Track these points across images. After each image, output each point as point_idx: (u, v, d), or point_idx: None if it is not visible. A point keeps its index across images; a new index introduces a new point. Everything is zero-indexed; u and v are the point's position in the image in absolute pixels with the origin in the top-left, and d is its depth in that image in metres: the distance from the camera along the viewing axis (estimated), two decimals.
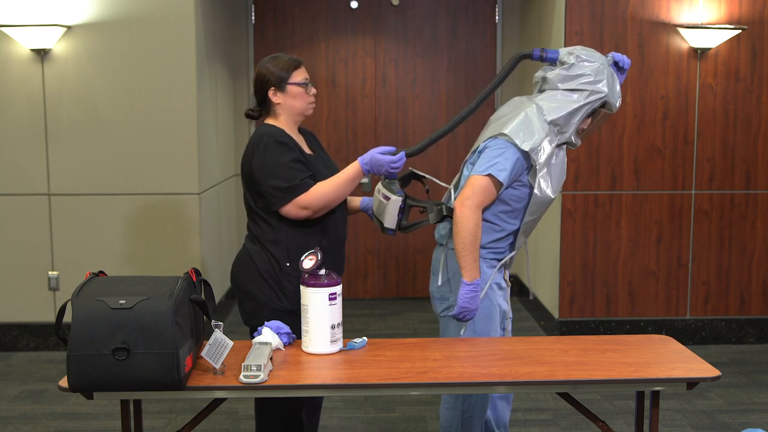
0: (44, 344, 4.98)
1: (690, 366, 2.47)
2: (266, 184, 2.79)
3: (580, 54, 2.96)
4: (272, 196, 2.79)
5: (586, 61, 2.95)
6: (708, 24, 4.85)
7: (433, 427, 3.91)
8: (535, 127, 2.88)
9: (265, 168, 2.79)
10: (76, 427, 3.92)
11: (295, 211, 2.80)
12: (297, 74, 2.87)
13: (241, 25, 6.06)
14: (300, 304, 2.62)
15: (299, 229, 2.85)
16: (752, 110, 4.98)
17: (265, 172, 2.79)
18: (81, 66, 4.77)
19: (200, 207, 4.91)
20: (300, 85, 2.87)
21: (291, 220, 2.83)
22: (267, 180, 2.79)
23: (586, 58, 2.96)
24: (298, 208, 2.79)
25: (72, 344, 2.21)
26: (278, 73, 2.85)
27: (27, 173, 4.84)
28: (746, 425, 3.89)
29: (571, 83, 2.93)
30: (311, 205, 2.80)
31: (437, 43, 6.12)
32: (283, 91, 2.86)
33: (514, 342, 2.76)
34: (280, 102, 2.87)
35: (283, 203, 2.79)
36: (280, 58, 2.90)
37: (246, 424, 3.94)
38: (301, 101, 2.89)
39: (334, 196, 2.83)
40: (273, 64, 2.87)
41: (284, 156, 2.79)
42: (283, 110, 2.89)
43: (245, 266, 2.93)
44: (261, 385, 2.30)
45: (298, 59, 2.92)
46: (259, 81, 2.88)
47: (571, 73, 2.94)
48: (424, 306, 6.09)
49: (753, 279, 5.10)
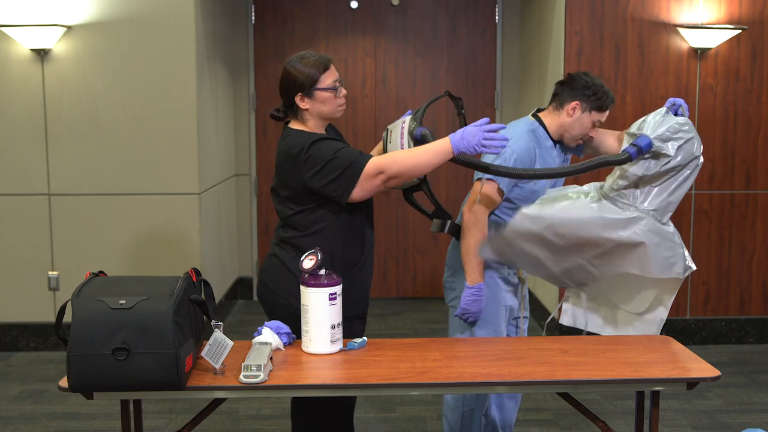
0: (44, 344, 4.98)
1: (690, 366, 2.47)
2: (329, 177, 2.61)
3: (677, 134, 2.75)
4: (341, 180, 2.61)
5: (683, 147, 2.75)
6: (708, 24, 4.85)
7: (433, 427, 3.91)
8: None
9: (319, 166, 2.61)
10: (76, 427, 3.92)
11: (369, 179, 2.60)
12: (326, 77, 2.69)
13: (241, 25, 6.06)
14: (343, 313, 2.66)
15: (341, 234, 2.73)
16: (752, 110, 4.98)
17: (324, 170, 2.61)
18: (81, 66, 4.77)
19: (200, 207, 4.91)
20: (328, 90, 2.69)
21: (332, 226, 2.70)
22: (328, 174, 2.61)
23: (685, 137, 2.75)
24: (373, 174, 2.60)
25: (72, 344, 2.21)
26: (305, 76, 2.67)
27: (27, 173, 4.84)
28: (746, 425, 3.89)
29: (669, 180, 2.79)
30: (386, 167, 2.60)
31: (437, 43, 6.12)
32: (311, 97, 2.69)
33: (514, 342, 2.76)
34: (308, 107, 2.70)
35: (354, 179, 2.60)
36: (307, 57, 2.70)
37: (246, 424, 3.95)
38: (329, 106, 2.71)
39: (410, 163, 2.61)
40: (299, 66, 2.68)
41: (331, 146, 2.64)
42: (310, 116, 2.72)
43: (281, 277, 2.75)
44: (261, 385, 2.30)
45: (326, 58, 2.72)
46: (285, 85, 2.71)
47: (670, 167, 2.76)
48: (424, 306, 6.09)
49: (753, 279, 5.10)
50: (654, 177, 2.78)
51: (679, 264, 2.79)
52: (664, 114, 2.81)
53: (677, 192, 2.80)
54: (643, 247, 2.75)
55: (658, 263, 2.77)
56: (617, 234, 2.77)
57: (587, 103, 2.99)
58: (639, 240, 2.76)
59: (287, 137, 2.73)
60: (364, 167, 2.61)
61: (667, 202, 2.79)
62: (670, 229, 2.82)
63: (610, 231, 2.78)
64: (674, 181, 2.79)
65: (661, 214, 2.80)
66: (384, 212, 6.17)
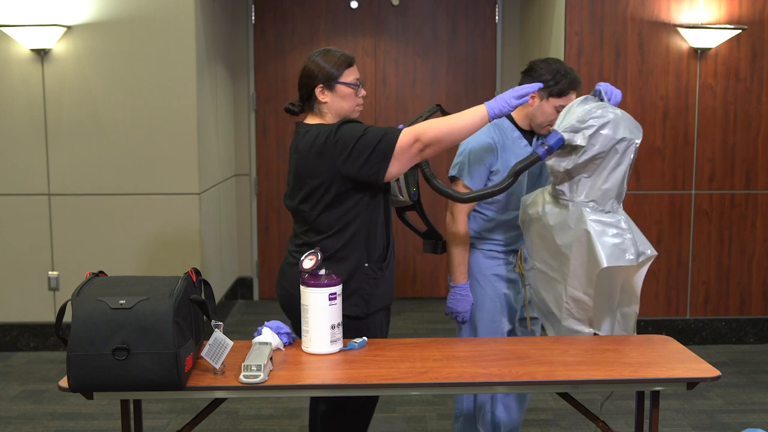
0: (44, 344, 4.98)
1: (690, 366, 2.47)
2: (363, 156, 2.55)
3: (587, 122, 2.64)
4: (375, 156, 2.55)
5: (598, 133, 2.63)
6: (708, 24, 4.85)
7: (433, 427, 3.91)
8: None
9: (350, 147, 2.55)
10: (76, 427, 3.92)
11: (405, 150, 2.54)
12: (349, 73, 2.67)
13: (241, 25, 6.06)
14: (373, 307, 2.69)
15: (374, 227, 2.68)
16: (752, 110, 4.98)
17: (356, 149, 2.55)
18: (81, 66, 4.77)
19: (200, 207, 4.91)
20: (351, 86, 2.67)
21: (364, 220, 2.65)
22: (362, 153, 2.55)
23: (596, 123, 2.64)
24: (409, 144, 2.54)
25: (72, 344, 2.21)
26: (329, 69, 2.64)
27: (27, 173, 4.84)
28: (746, 425, 3.89)
29: (598, 168, 2.68)
30: (421, 134, 2.54)
31: (437, 43, 6.12)
32: (332, 90, 2.66)
33: (514, 342, 2.76)
34: (328, 101, 2.67)
35: (389, 152, 2.53)
36: (332, 52, 2.67)
37: (246, 424, 3.95)
38: (349, 102, 2.69)
39: (445, 128, 2.56)
40: (324, 59, 2.66)
41: (359, 126, 2.60)
42: (329, 110, 2.68)
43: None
44: (261, 385, 2.30)
45: (350, 56, 2.70)
46: (307, 76, 2.66)
47: (588, 157, 2.65)
48: (424, 306, 6.09)
49: (753, 279, 5.10)
50: (580, 168, 2.68)
51: (630, 250, 2.67)
52: (580, 102, 2.72)
53: (612, 178, 2.68)
54: (589, 237, 2.67)
55: (607, 251, 2.65)
56: (568, 236, 2.72)
57: (544, 91, 2.96)
58: (582, 232, 2.69)
59: (307, 133, 2.66)
60: (397, 138, 2.55)
61: (602, 191, 2.69)
62: (617, 217, 2.71)
63: (562, 235, 2.74)
64: (604, 168, 2.67)
65: (601, 203, 2.70)
66: None
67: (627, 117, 2.69)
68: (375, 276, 2.72)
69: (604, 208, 2.71)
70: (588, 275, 2.73)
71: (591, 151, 2.64)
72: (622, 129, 2.64)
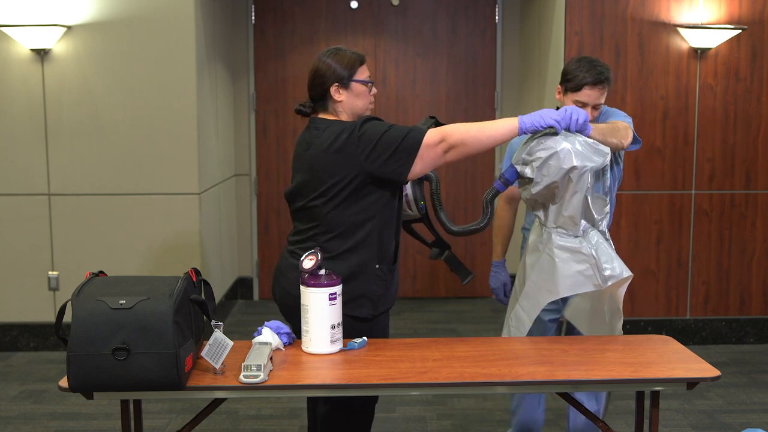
0: (44, 344, 4.98)
1: (690, 366, 2.47)
2: (387, 153, 2.53)
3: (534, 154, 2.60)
4: (400, 153, 2.53)
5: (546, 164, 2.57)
6: (708, 24, 4.85)
7: (433, 427, 3.91)
8: None
9: (374, 142, 2.53)
10: (76, 427, 3.92)
11: (431, 148, 2.52)
12: (362, 71, 2.67)
13: (241, 25, 6.06)
14: (380, 309, 2.71)
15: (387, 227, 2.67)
16: (752, 110, 4.98)
17: (379, 145, 2.53)
18: (81, 66, 4.77)
19: (200, 207, 4.91)
20: (365, 83, 2.67)
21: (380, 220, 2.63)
22: (386, 150, 2.53)
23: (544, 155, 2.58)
24: (435, 143, 2.52)
25: (72, 344, 2.21)
26: (343, 68, 2.63)
27: (27, 173, 4.84)
28: (746, 425, 3.89)
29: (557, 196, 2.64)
30: (448, 135, 2.52)
31: (437, 43, 6.12)
32: (347, 88, 2.64)
33: (514, 342, 2.76)
34: (343, 99, 2.65)
35: (414, 150, 2.52)
36: (343, 51, 2.67)
37: (246, 424, 3.95)
38: (363, 100, 2.67)
39: (473, 131, 2.53)
40: (336, 58, 2.64)
41: (383, 123, 2.59)
42: (343, 108, 2.66)
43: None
44: (261, 385, 2.30)
45: (362, 54, 2.70)
46: (320, 75, 2.64)
47: (542, 188, 2.62)
48: (424, 306, 6.09)
49: (753, 279, 5.10)
50: (542, 196, 2.66)
51: (596, 275, 2.63)
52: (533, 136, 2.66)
53: (571, 205, 2.63)
54: (551, 263, 2.67)
55: (569, 280, 2.64)
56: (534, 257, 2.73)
57: (563, 86, 3.09)
58: (546, 257, 2.68)
59: (327, 128, 2.62)
60: (423, 136, 2.53)
61: (565, 217, 2.65)
62: (583, 242, 2.66)
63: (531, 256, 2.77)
64: (562, 196, 2.63)
65: (569, 228, 2.67)
66: None
67: (583, 143, 2.60)
68: (385, 278, 2.71)
69: (574, 233, 2.67)
70: (539, 300, 2.73)
71: (543, 182, 2.60)
72: (572, 158, 2.56)
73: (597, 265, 2.64)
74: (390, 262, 2.74)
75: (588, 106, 3.06)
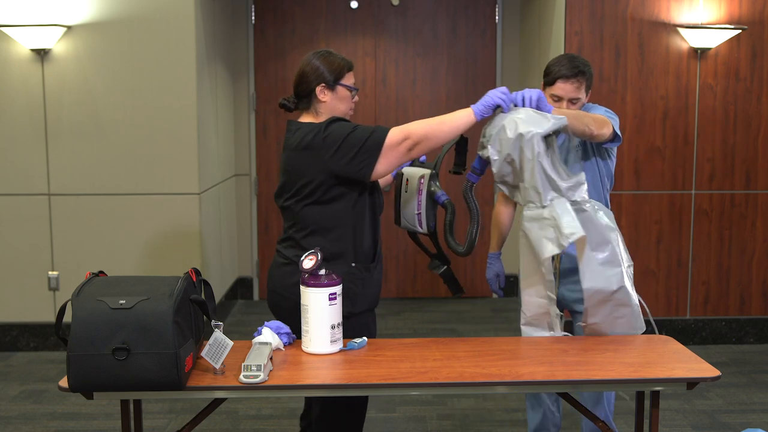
0: (44, 344, 4.98)
1: (690, 366, 2.47)
2: (351, 153, 2.60)
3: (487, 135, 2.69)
4: (363, 153, 2.60)
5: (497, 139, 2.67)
6: (708, 24, 4.85)
7: (433, 427, 3.91)
8: None
9: (339, 143, 2.60)
10: (76, 427, 3.92)
11: (394, 148, 2.59)
12: (349, 77, 2.75)
13: (241, 25, 6.06)
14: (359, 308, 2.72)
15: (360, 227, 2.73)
16: (752, 110, 4.98)
17: (344, 146, 2.60)
18: (81, 66, 4.77)
19: (200, 207, 4.91)
20: (349, 89, 2.75)
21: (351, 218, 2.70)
22: (350, 150, 2.59)
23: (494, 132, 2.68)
24: (398, 142, 2.59)
25: (72, 344, 2.21)
26: (332, 70, 2.71)
27: (27, 173, 4.84)
28: (746, 425, 3.89)
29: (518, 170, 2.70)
30: (410, 132, 2.59)
31: (437, 43, 6.12)
32: (333, 90, 2.72)
33: (514, 342, 2.76)
34: (326, 101, 2.72)
35: (377, 150, 2.58)
36: (334, 55, 2.75)
37: (246, 424, 3.95)
38: (345, 105, 2.75)
39: (435, 125, 2.61)
40: (325, 60, 2.72)
41: (348, 123, 2.66)
42: (325, 110, 2.73)
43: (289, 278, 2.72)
44: (261, 385, 2.30)
45: (351, 62, 2.78)
46: (308, 74, 2.71)
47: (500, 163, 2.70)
48: (424, 306, 6.09)
49: (753, 279, 5.10)
50: (508, 176, 2.72)
51: (558, 236, 2.65)
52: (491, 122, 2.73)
53: (528, 173, 2.66)
54: (525, 238, 2.73)
55: (541, 245, 2.69)
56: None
57: (543, 81, 3.15)
58: (521, 234, 2.75)
59: (297, 130, 2.71)
60: (386, 136, 2.59)
61: (530, 189, 2.68)
62: (541, 210, 2.70)
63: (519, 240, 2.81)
64: (521, 168, 2.67)
65: (537, 200, 2.70)
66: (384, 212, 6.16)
67: (528, 112, 2.65)
68: (362, 276, 2.73)
69: (541, 204, 2.70)
70: (536, 275, 2.74)
71: (500, 157, 2.67)
72: (517, 126, 2.62)
73: (558, 225, 2.65)
74: (367, 260, 2.76)
75: (564, 100, 3.08)
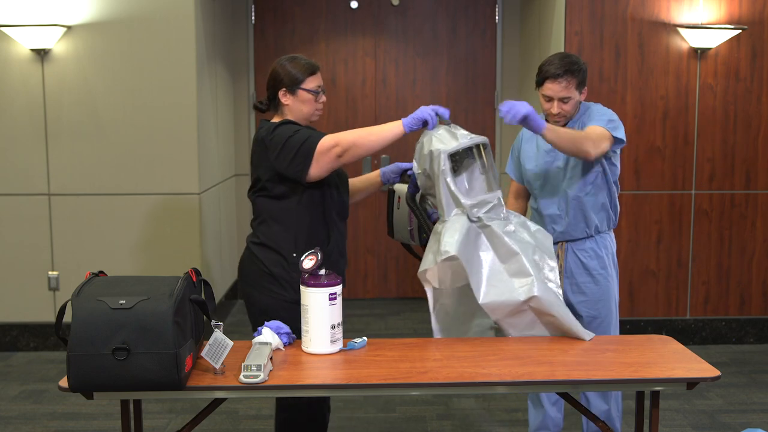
0: (44, 344, 4.98)
1: (690, 366, 2.47)
2: (289, 156, 2.76)
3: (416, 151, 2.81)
4: (298, 157, 2.75)
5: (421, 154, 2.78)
6: (708, 24, 4.85)
7: (433, 427, 3.91)
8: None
9: (280, 146, 2.76)
10: (76, 427, 3.92)
11: (324, 154, 2.73)
12: (311, 80, 2.87)
13: (241, 25, 6.06)
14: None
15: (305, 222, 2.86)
16: (752, 110, 4.98)
17: (284, 149, 2.76)
18: (81, 66, 4.77)
19: (200, 207, 4.91)
20: (311, 92, 2.88)
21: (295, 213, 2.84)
22: (288, 153, 2.76)
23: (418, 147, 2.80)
24: (328, 148, 2.73)
25: (72, 344, 2.21)
26: (293, 75, 2.86)
27: (27, 173, 4.84)
28: (746, 425, 3.89)
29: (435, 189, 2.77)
30: (340, 140, 2.74)
31: (437, 43, 6.12)
32: (294, 94, 2.87)
33: (514, 342, 2.76)
34: (289, 104, 2.88)
35: (309, 155, 2.73)
36: (298, 60, 2.90)
37: (246, 424, 3.95)
38: (308, 107, 2.89)
39: (364, 134, 2.77)
40: (290, 65, 2.88)
41: (293, 128, 2.81)
42: (290, 112, 2.90)
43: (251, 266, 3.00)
44: (261, 385, 2.30)
45: (315, 65, 2.91)
46: (273, 78, 2.89)
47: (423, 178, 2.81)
48: (424, 306, 6.05)
49: (753, 279, 5.10)
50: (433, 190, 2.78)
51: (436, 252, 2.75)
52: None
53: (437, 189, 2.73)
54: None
55: (426, 257, 2.81)
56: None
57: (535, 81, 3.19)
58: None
59: (261, 128, 2.89)
60: (318, 143, 2.75)
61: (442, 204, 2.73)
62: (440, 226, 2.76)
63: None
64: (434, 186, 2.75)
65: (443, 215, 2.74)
66: (384, 212, 6.17)
67: (446, 129, 2.75)
68: None
69: (444, 219, 2.76)
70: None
71: (421, 172, 2.78)
72: (433, 142, 2.72)
73: (440, 240, 2.70)
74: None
75: (554, 100, 3.07)
